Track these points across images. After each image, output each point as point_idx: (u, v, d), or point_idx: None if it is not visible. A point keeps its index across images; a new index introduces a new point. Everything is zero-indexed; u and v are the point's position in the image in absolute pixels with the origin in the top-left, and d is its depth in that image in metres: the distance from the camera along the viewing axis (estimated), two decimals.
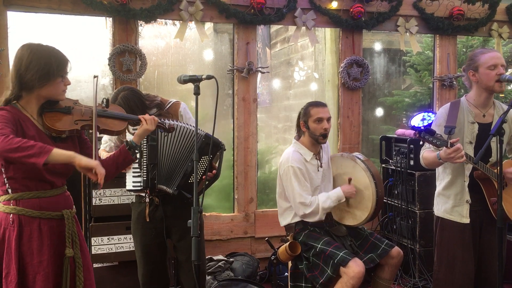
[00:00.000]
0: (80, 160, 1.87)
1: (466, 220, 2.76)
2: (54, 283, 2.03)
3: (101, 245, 3.32)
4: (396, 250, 3.06)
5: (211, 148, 2.57)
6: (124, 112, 2.30)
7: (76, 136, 2.19)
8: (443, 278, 2.85)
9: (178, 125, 2.65)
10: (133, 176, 2.66)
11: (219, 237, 4.27)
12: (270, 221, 4.29)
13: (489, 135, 2.49)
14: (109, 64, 3.92)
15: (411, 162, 4.18)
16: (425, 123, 3.80)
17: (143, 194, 2.80)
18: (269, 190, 5.21)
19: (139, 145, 2.30)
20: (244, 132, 4.33)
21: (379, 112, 6.19)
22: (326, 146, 3.29)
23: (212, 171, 2.71)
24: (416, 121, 3.88)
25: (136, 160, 2.51)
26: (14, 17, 3.82)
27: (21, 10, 3.77)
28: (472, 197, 2.76)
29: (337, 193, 3.10)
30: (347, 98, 4.61)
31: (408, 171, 4.22)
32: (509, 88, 5.57)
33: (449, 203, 2.82)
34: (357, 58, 4.54)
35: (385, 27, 4.62)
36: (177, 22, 4.30)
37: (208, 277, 3.73)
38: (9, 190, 2.00)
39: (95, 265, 3.27)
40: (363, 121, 5.00)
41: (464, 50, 5.52)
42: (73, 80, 2.25)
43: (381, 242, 3.08)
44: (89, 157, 1.94)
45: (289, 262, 3.15)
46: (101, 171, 1.88)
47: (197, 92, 2.18)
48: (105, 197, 3.37)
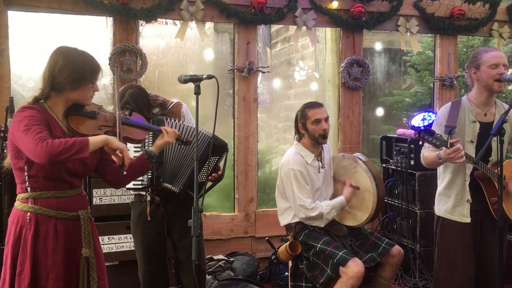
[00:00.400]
0: (113, 142, 1.99)
1: (467, 220, 2.76)
2: (65, 283, 2.04)
3: (102, 244, 3.29)
4: (396, 249, 3.05)
5: (217, 149, 2.59)
6: (145, 121, 2.32)
7: None
8: (444, 277, 2.84)
9: (193, 137, 2.61)
10: None
11: (219, 237, 4.27)
12: (270, 220, 4.29)
13: (490, 135, 2.48)
14: (109, 64, 3.93)
15: (412, 162, 4.18)
16: (426, 123, 3.79)
17: (144, 193, 2.80)
18: (270, 189, 5.20)
19: (157, 155, 2.31)
20: (245, 131, 4.33)
21: (380, 112, 6.17)
22: (327, 146, 3.29)
23: (218, 172, 2.73)
24: (417, 121, 3.87)
25: (153, 169, 2.56)
26: (14, 17, 3.82)
27: (21, 10, 3.77)
28: (473, 197, 2.76)
29: (341, 202, 3.09)
30: (348, 98, 4.61)
31: (409, 171, 4.22)
32: (510, 88, 5.56)
33: (450, 202, 2.82)
34: (357, 58, 4.54)
35: (385, 27, 4.62)
36: (177, 22, 4.30)
37: (209, 277, 3.73)
38: (28, 189, 2.01)
39: None
40: (364, 121, 4.99)
41: (464, 50, 5.51)
42: None
43: (382, 241, 3.08)
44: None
45: (289, 261, 3.15)
46: (127, 155, 2.02)
47: (197, 92, 2.18)
48: (106, 197, 3.38)
